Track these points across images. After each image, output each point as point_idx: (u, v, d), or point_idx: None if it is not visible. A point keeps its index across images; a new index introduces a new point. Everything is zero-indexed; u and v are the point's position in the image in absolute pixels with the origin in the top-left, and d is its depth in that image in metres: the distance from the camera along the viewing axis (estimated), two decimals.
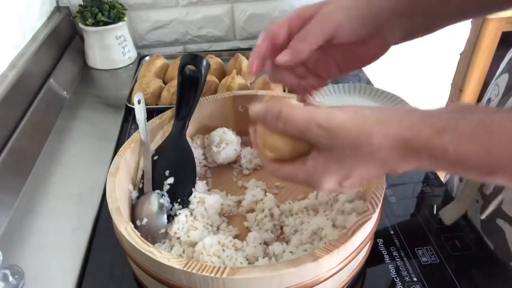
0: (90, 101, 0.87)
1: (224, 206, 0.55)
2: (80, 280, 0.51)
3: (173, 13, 1.04)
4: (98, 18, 0.91)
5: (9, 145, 0.63)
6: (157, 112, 0.65)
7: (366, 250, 0.48)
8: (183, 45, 1.10)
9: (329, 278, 0.42)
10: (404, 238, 0.54)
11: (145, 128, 0.58)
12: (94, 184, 0.64)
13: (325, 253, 0.39)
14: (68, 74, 0.90)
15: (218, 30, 1.08)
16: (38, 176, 0.65)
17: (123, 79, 0.95)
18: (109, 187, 0.49)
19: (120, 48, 0.97)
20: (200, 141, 0.65)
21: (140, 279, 0.48)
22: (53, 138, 0.73)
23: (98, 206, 0.60)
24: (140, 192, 0.54)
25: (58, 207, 0.61)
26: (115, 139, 0.74)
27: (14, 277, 0.48)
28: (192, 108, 0.60)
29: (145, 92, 0.79)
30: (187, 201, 0.54)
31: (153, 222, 0.50)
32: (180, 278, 0.40)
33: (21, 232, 0.56)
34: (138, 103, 0.60)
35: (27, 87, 0.75)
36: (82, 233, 0.56)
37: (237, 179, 0.62)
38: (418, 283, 0.48)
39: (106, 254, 0.53)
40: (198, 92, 0.60)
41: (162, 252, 0.41)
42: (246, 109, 0.66)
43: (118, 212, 0.46)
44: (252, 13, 1.06)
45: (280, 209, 0.54)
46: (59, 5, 1.00)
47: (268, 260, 0.46)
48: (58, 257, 0.54)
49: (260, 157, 0.42)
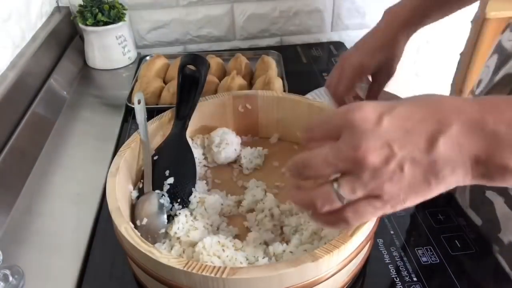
0: (90, 101, 0.87)
1: (224, 206, 0.55)
2: (80, 280, 0.51)
3: (173, 13, 1.04)
4: (98, 18, 0.91)
5: (9, 145, 0.63)
6: (157, 112, 0.65)
7: (366, 250, 0.48)
8: (183, 45, 1.10)
9: (329, 278, 0.42)
10: (404, 238, 0.54)
11: (145, 128, 0.58)
12: (94, 184, 0.64)
13: (325, 253, 0.39)
14: (68, 74, 0.90)
15: (218, 30, 1.08)
16: (38, 176, 0.65)
17: (123, 79, 0.95)
18: (109, 187, 0.49)
19: (120, 48, 0.97)
20: (200, 141, 0.65)
21: (140, 279, 0.48)
22: (53, 138, 0.73)
23: (98, 206, 0.60)
24: (140, 192, 0.54)
25: (58, 207, 0.61)
26: (115, 139, 0.74)
27: (14, 277, 0.48)
28: (192, 108, 0.60)
29: (145, 92, 0.79)
30: (187, 201, 0.54)
31: (153, 222, 0.50)
32: (180, 278, 0.40)
33: (21, 232, 0.56)
34: (138, 103, 0.60)
35: (27, 87, 0.75)
36: (82, 233, 0.56)
37: (237, 179, 0.62)
38: (418, 283, 0.48)
39: (106, 254, 0.53)
40: (198, 92, 0.60)
41: (162, 252, 0.41)
42: (246, 109, 0.66)
43: (118, 212, 0.46)
44: (252, 13, 1.06)
45: (280, 209, 0.54)
46: (59, 5, 1.00)
47: (268, 260, 0.46)
48: (58, 257, 0.54)
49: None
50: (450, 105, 0.30)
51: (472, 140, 0.29)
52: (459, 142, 0.29)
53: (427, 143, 0.30)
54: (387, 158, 0.30)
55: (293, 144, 0.66)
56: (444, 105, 0.31)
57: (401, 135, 0.30)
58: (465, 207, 0.56)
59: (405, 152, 0.30)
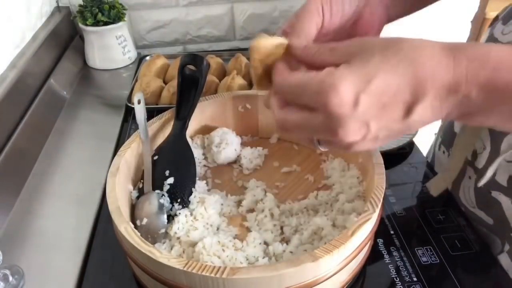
0: (90, 101, 0.87)
1: (224, 206, 0.55)
2: (80, 280, 0.51)
3: (173, 13, 1.04)
4: (98, 18, 0.91)
5: (9, 145, 0.63)
6: (157, 112, 0.65)
7: (366, 250, 0.48)
8: (183, 45, 1.10)
9: (329, 278, 0.42)
10: (404, 238, 0.54)
11: (145, 128, 0.58)
12: (94, 184, 0.64)
13: (325, 253, 0.39)
14: (68, 74, 0.90)
15: (218, 30, 1.08)
16: (38, 176, 0.65)
17: (123, 79, 0.95)
18: (109, 187, 0.49)
19: (120, 48, 0.97)
20: (200, 141, 0.65)
21: (140, 279, 0.48)
22: (53, 138, 0.73)
23: (98, 206, 0.60)
24: (140, 192, 0.54)
25: (58, 207, 0.61)
26: (115, 139, 0.74)
27: (14, 277, 0.48)
28: (192, 108, 0.60)
29: (145, 92, 0.79)
30: (187, 201, 0.54)
31: (153, 222, 0.50)
32: (180, 278, 0.40)
33: (21, 232, 0.56)
34: (138, 103, 0.60)
35: (27, 87, 0.75)
36: (82, 233, 0.56)
37: (237, 179, 0.62)
38: (418, 283, 0.48)
39: (106, 254, 0.53)
40: (198, 92, 0.60)
41: (162, 252, 0.41)
42: (246, 109, 0.66)
43: (118, 212, 0.46)
44: (252, 13, 1.06)
45: (280, 209, 0.54)
46: (59, 5, 1.00)
47: (268, 260, 0.46)
48: (58, 257, 0.54)
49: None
50: (426, 69, 0.30)
51: (446, 103, 0.31)
52: (433, 105, 0.31)
53: (402, 113, 0.31)
54: (364, 135, 0.32)
55: (293, 144, 0.66)
56: (419, 69, 0.30)
57: (378, 111, 0.31)
58: (471, 207, 0.55)
59: (381, 125, 0.32)
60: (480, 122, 0.32)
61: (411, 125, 0.32)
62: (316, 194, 0.56)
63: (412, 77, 0.30)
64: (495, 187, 0.50)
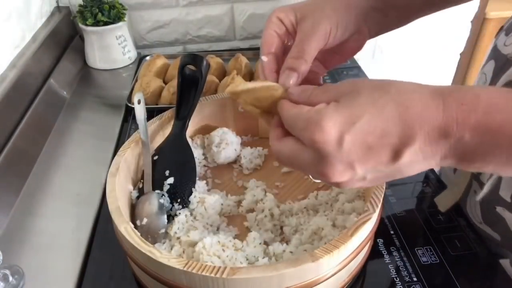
0: (90, 101, 0.87)
1: (224, 206, 0.55)
2: (80, 280, 0.51)
3: (173, 13, 1.04)
4: (98, 18, 0.91)
5: (9, 145, 0.63)
6: (157, 112, 0.65)
7: (366, 250, 0.48)
8: (183, 45, 1.10)
9: (329, 278, 0.42)
10: (404, 238, 0.54)
11: (145, 128, 0.58)
12: (94, 184, 0.64)
13: (325, 253, 0.39)
14: (68, 74, 0.90)
15: (218, 30, 1.08)
16: (38, 176, 0.65)
17: (123, 79, 0.95)
18: (109, 187, 0.49)
19: (120, 48, 0.97)
20: (200, 141, 0.65)
21: (140, 279, 0.48)
22: (53, 138, 0.73)
23: (98, 206, 0.60)
24: (140, 192, 0.54)
25: (58, 207, 0.61)
26: (115, 139, 0.74)
27: (14, 277, 0.48)
28: (192, 108, 0.60)
29: (145, 92, 0.79)
30: (187, 201, 0.54)
31: (153, 222, 0.50)
32: (180, 278, 0.40)
33: (21, 232, 0.56)
34: (138, 103, 0.60)
35: (27, 87, 0.75)
36: (82, 233, 0.56)
37: (237, 179, 0.62)
38: (418, 283, 0.48)
39: (106, 254, 0.53)
40: (198, 92, 0.60)
41: (162, 252, 0.41)
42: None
43: (118, 212, 0.46)
44: (252, 13, 1.06)
45: (280, 209, 0.54)
46: (59, 5, 1.00)
47: (268, 260, 0.46)
48: (58, 257, 0.54)
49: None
50: (413, 113, 0.30)
51: (437, 147, 0.30)
52: (423, 150, 0.30)
53: (390, 157, 0.31)
54: (351, 177, 0.33)
55: None
56: (406, 113, 0.30)
57: (363, 153, 0.31)
58: (478, 223, 0.55)
59: (368, 166, 0.32)
60: (479, 168, 0.31)
61: (402, 169, 0.32)
62: (316, 194, 0.56)
63: (399, 120, 0.30)
64: (499, 203, 0.50)
